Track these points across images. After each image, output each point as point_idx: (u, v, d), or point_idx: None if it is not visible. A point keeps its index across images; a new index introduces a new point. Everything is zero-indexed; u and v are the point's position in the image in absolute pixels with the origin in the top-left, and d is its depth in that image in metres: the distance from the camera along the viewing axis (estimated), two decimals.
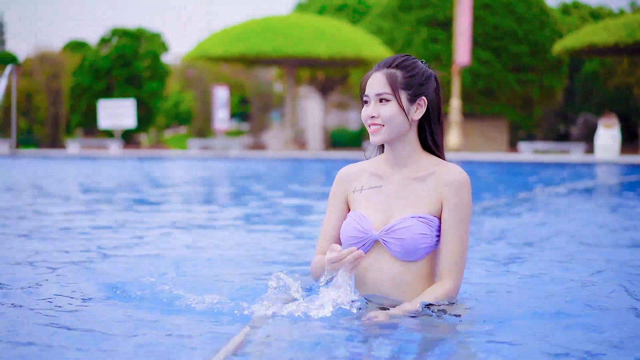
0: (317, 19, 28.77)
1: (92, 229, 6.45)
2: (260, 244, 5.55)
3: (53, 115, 36.17)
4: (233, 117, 45.94)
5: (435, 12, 29.13)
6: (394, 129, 2.94)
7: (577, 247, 5.50)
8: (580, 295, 3.53)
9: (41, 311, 3.26)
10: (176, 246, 5.44)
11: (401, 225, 2.91)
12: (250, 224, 7.07)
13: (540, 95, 29.95)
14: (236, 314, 3.00)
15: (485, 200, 9.49)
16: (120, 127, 28.79)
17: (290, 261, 4.73)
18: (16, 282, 3.81)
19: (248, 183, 13.50)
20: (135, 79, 34.52)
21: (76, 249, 5.23)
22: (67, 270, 4.26)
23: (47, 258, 4.75)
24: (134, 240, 5.80)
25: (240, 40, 26.21)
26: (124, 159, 23.55)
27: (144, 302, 3.35)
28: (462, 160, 21.01)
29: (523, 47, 29.04)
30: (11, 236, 5.88)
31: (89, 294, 3.59)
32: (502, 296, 3.55)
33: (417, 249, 2.91)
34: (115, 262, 4.69)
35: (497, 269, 4.44)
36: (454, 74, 25.08)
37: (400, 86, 2.93)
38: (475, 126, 30.52)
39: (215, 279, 3.95)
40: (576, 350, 2.62)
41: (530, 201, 9.38)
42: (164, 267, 4.34)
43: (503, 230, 6.40)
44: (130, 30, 35.57)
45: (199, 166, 19.56)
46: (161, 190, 11.67)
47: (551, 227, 6.62)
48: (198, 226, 6.89)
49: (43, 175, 15.08)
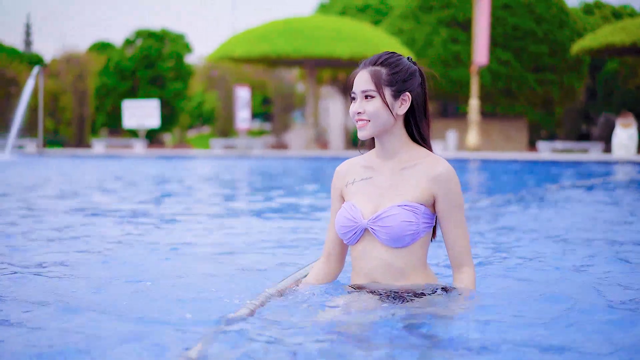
0: (338, 20, 28.98)
1: (126, 220, 6.82)
2: (276, 239, 5.73)
3: (79, 116, 36.51)
4: (255, 117, 46.22)
5: (455, 13, 29.31)
6: (379, 124, 3.06)
7: (570, 238, 5.62)
8: (588, 290, 3.60)
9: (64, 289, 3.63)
10: (199, 240, 5.69)
11: (387, 213, 3.04)
12: (271, 219, 7.37)
13: (560, 95, 30.00)
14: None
15: (491, 195, 9.76)
16: (145, 127, 29.19)
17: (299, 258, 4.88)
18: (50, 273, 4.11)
19: (270, 181, 13.84)
20: (160, 80, 34.77)
21: (98, 241, 5.52)
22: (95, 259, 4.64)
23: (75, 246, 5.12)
24: (160, 232, 6.16)
25: (262, 41, 26.50)
26: (149, 158, 23.92)
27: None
28: (478, 158, 21.24)
29: (543, 47, 29.13)
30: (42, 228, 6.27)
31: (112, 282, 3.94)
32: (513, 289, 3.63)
33: (404, 236, 3.02)
34: (136, 253, 5.01)
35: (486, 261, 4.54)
36: (473, 74, 25.26)
37: (384, 83, 3.04)
38: (495, 126, 30.67)
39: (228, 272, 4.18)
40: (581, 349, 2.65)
41: (541, 197, 9.60)
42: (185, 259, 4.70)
43: (503, 227, 6.63)
44: (154, 31, 35.85)
45: (222, 165, 19.86)
46: (187, 187, 12.03)
47: (543, 222, 6.72)
48: (224, 220, 7.21)
49: (74, 173, 15.52)
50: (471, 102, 25.34)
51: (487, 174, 16.15)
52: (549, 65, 29.36)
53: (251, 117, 31.82)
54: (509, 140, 30.53)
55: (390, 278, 3.09)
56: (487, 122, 29.93)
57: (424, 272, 3.13)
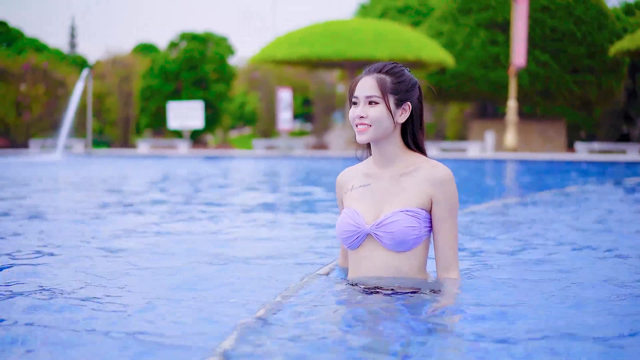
0: (378, 23, 29.21)
1: (174, 212, 7.37)
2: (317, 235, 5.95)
3: (124, 117, 37.11)
4: (296, 118, 46.58)
5: (494, 15, 29.47)
6: (380, 130, 3.14)
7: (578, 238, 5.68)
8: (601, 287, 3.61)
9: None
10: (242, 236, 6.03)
11: (390, 219, 3.11)
12: (311, 214, 7.84)
13: (598, 96, 30.01)
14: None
15: (518, 194, 10.10)
16: (189, 128, 29.82)
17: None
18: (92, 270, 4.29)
19: (311, 178, 14.29)
20: (203, 81, 35.18)
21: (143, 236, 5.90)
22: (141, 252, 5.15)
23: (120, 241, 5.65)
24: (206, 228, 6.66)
25: (303, 43, 26.87)
26: (194, 157, 24.48)
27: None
28: (514, 158, 21.48)
29: (581, 49, 29.15)
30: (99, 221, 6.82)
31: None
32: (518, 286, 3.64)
33: (407, 240, 3.11)
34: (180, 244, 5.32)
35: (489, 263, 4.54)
36: (511, 75, 25.49)
37: (389, 90, 3.13)
38: (534, 127, 30.76)
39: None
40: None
41: (568, 196, 9.91)
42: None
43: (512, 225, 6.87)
44: (198, 34, 36.25)
45: (265, 164, 20.30)
46: (232, 185, 12.54)
47: (563, 222, 6.80)
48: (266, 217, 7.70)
49: (126, 171, 16.13)
50: (509, 104, 25.58)
51: (516, 174, 16.42)
52: (587, 66, 29.37)
53: (292, 118, 32.19)
54: (547, 141, 30.59)
55: (392, 280, 3.17)
56: (526, 123, 30.07)
57: (424, 276, 3.21)
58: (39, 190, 10.85)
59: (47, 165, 19.38)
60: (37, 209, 7.71)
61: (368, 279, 3.21)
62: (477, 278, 3.75)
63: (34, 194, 10.15)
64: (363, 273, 3.22)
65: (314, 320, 2.85)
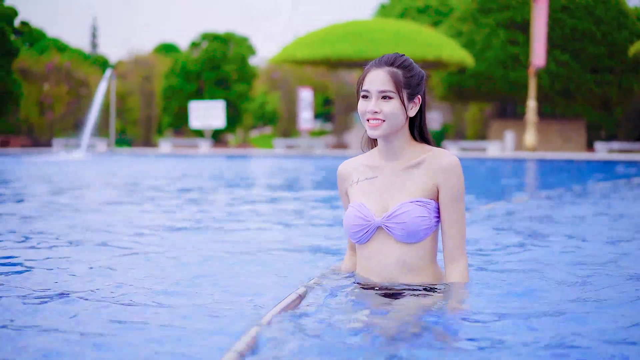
0: (397, 23, 29.30)
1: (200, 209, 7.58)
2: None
3: (146, 116, 37.47)
4: (317, 118, 46.70)
5: (514, 15, 29.54)
6: (394, 125, 3.07)
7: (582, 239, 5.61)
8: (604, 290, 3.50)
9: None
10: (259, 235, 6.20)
11: (401, 210, 3.06)
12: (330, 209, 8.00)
13: (618, 96, 30.00)
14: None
15: (543, 190, 10.21)
16: (211, 127, 30.08)
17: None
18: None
19: (332, 179, 14.47)
20: (224, 81, 35.43)
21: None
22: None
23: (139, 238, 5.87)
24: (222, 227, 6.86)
25: (323, 44, 26.99)
26: (216, 156, 24.69)
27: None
28: (533, 158, 21.55)
29: (601, 49, 29.17)
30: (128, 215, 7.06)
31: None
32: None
33: (418, 230, 3.06)
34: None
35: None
36: (531, 75, 25.56)
37: (403, 85, 3.06)
38: (554, 127, 30.78)
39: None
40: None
41: (582, 195, 10.01)
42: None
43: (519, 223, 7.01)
44: (219, 34, 36.47)
45: (285, 164, 20.50)
46: (253, 184, 12.74)
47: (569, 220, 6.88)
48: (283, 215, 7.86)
49: (150, 170, 16.36)
50: (529, 103, 25.65)
51: (534, 173, 16.51)
52: (607, 66, 29.38)
53: (313, 118, 32.38)
54: (567, 141, 30.60)
55: (404, 274, 3.12)
56: (546, 123, 30.10)
57: (434, 267, 3.17)
58: (71, 188, 11.01)
59: (72, 163, 19.62)
60: (72, 206, 7.89)
61: (377, 279, 3.16)
62: (493, 279, 3.69)
63: (67, 191, 10.29)
64: (373, 267, 3.17)
65: (323, 320, 2.81)
